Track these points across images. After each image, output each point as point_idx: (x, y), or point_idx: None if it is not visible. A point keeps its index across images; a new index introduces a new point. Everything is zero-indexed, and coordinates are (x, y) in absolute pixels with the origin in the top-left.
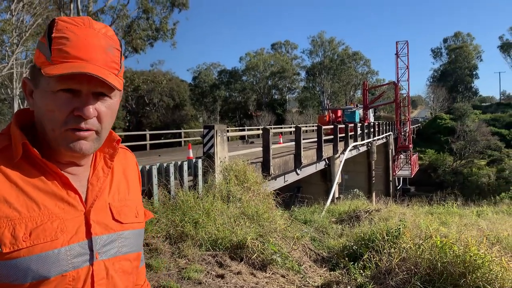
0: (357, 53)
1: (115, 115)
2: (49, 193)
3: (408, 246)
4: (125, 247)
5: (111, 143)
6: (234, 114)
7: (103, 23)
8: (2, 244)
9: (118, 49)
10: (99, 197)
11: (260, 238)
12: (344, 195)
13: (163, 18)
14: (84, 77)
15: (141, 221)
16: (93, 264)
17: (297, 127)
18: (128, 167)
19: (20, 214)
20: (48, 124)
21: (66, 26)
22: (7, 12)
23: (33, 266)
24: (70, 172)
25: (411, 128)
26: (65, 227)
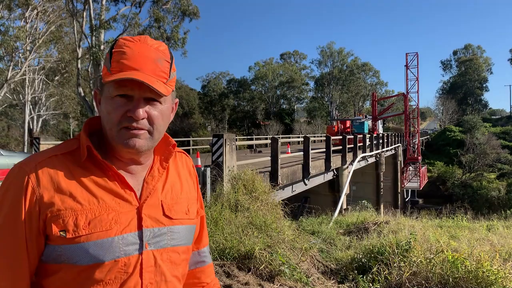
0: (366, 64)
1: (167, 119)
2: (108, 189)
3: (419, 260)
4: (174, 240)
5: (168, 146)
6: (242, 123)
7: (159, 41)
8: (66, 231)
9: (168, 61)
10: (152, 194)
11: (268, 249)
12: (352, 206)
13: (174, 27)
14: (136, 84)
15: (191, 217)
16: (143, 253)
17: (305, 137)
18: (183, 169)
19: (82, 206)
20: (107, 124)
21: (124, 43)
22: (21, 20)
23: (91, 251)
24: (129, 171)
25: (420, 140)
26: (119, 219)
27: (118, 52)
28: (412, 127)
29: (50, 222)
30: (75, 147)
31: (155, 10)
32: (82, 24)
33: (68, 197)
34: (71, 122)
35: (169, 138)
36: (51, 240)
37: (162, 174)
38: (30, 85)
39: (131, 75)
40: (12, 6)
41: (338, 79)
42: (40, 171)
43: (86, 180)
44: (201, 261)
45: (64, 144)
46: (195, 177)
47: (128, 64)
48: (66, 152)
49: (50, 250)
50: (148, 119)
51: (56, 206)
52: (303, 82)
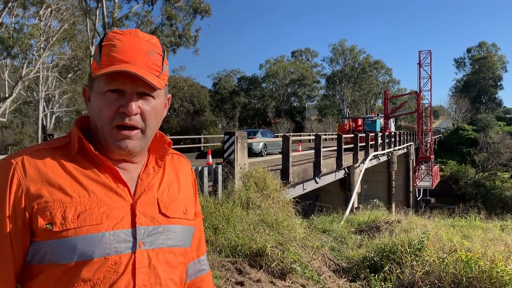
0: (379, 61)
1: (160, 116)
2: (99, 183)
3: (432, 260)
4: (171, 240)
5: (162, 145)
6: (253, 120)
7: (149, 34)
8: (53, 223)
9: (160, 53)
10: (148, 191)
11: (280, 246)
12: (363, 205)
13: (186, 25)
14: (128, 78)
15: (189, 218)
16: (136, 252)
17: (317, 135)
18: (181, 171)
19: (72, 198)
20: (98, 122)
21: (114, 36)
22: (35, 18)
23: (79, 246)
24: (122, 167)
25: (432, 138)
26: (110, 213)
27: (108, 45)
28: (425, 125)
29: (37, 215)
30: (66, 142)
31: (167, 8)
32: (95, 22)
33: (56, 189)
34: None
35: (164, 137)
36: (36, 236)
37: (158, 172)
38: (44, 83)
39: (122, 67)
40: (27, 4)
41: (349, 77)
42: (27, 163)
43: (77, 172)
44: (202, 269)
45: (55, 139)
46: (193, 181)
47: (118, 57)
48: (56, 146)
49: (35, 248)
50: (141, 115)
51: (44, 198)
52: (314, 79)
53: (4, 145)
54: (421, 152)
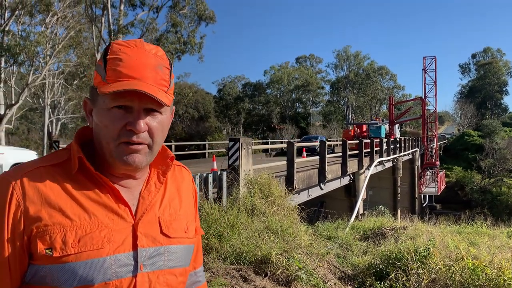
0: (383, 67)
1: (166, 131)
2: (101, 204)
3: (438, 267)
4: (171, 261)
5: (165, 159)
6: (258, 126)
7: (155, 45)
8: (53, 248)
9: (168, 67)
10: (149, 210)
11: (285, 254)
12: (368, 211)
13: (191, 32)
14: (135, 94)
15: (190, 237)
16: (137, 275)
17: (321, 141)
18: (182, 184)
19: (72, 222)
20: (103, 138)
21: (120, 48)
22: (42, 25)
23: (80, 272)
24: (123, 185)
25: (438, 144)
26: (112, 237)
27: (113, 59)
28: (430, 131)
29: (36, 239)
30: (65, 158)
31: (172, 15)
32: (101, 29)
33: (56, 212)
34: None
35: (167, 151)
36: (35, 260)
37: (160, 189)
38: (50, 89)
39: (131, 85)
40: (34, 12)
41: (354, 83)
42: (26, 183)
43: (77, 193)
44: (197, 281)
45: (53, 154)
46: (194, 194)
47: (126, 73)
48: (55, 163)
49: (34, 270)
50: (148, 132)
51: (43, 221)
52: (318, 85)
53: None
54: (427, 158)
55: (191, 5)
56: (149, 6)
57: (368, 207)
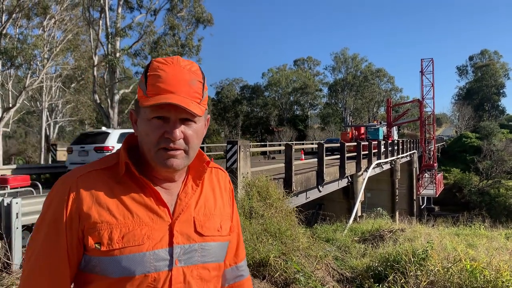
0: (381, 70)
1: (201, 137)
2: (143, 205)
3: (436, 269)
4: (205, 257)
5: (201, 163)
6: (256, 129)
7: (190, 60)
8: (101, 243)
9: (201, 81)
10: (185, 211)
11: (283, 256)
12: (366, 213)
13: (189, 35)
14: (172, 106)
15: (223, 234)
16: (172, 269)
17: (319, 144)
18: (218, 185)
19: (117, 220)
20: (145, 145)
21: (158, 66)
22: (39, 28)
23: (123, 264)
24: (164, 186)
25: (435, 146)
26: (151, 234)
27: (153, 76)
28: (428, 133)
29: (87, 234)
30: (114, 163)
31: (170, 18)
32: (98, 32)
33: (104, 211)
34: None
35: (203, 155)
36: (87, 251)
37: (196, 191)
38: (47, 92)
39: (167, 99)
40: (31, 15)
41: (352, 85)
42: (80, 184)
43: (123, 195)
44: (240, 275)
45: (104, 159)
46: (231, 193)
47: (163, 88)
48: (105, 167)
49: (87, 260)
50: (184, 139)
51: (93, 218)
52: (316, 88)
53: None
54: (425, 160)
55: (189, 7)
56: (146, 9)
57: (366, 209)
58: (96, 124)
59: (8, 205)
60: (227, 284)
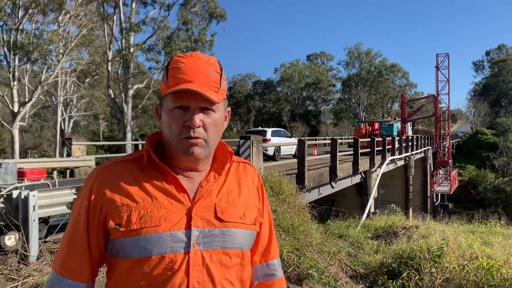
0: (395, 65)
1: (220, 127)
2: (163, 190)
3: (452, 267)
4: (225, 243)
5: (224, 154)
6: (268, 124)
7: (208, 55)
8: (120, 225)
9: (218, 71)
10: (206, 197)
11: (296, 252)
12: (380, 210)
13: (202, 30)
14: (190, 95)
15: (247, 223)
16: (190, 251)
17: (333, 139)
18: (245, 178)
19: (137, 203)
20: (169, 135)
21: (178, 59)
22: (54, 24)
23: (141, 244)
24: (186, 175)
25: (450, 142)
26: (169, 216)
27: (173, 68)
28: (443, 129)
29: (109, 218)
30: (140, 155)
31: (183, 13)
32: (113, 27)
33: (126, 196)
34: (101, 123)
35: (226, 146)
36: (110, 235)
37: (218, 180)
38: (62, 87)
39: (186, 86)
40: (46, 10)
41: (366, 81)
42: (106, 173)
43: (145, 181)
44: (271, 274)
45: (133, 153)
46: (260, 188)
47: (183, 78)
48: (132, 158)
49: (111, 245)
50: (203, 127)
51: (115, 203)
52: (329, 83)
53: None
54: (439, 157)
55: (202, 2)
56: (160, 4)
57: (380, 206)
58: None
59: (25, 197)
60: (256, 282)
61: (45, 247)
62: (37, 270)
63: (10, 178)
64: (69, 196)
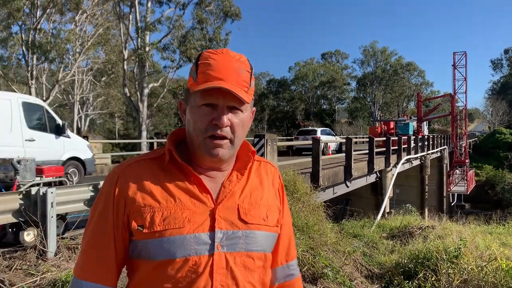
0: (411, 63)
1: (246, 128)
2: (185, 190)
3: (470, 268)
4: (249, 245)
5: (247, 153)
6: (282, 123)
7: (239, 53)
8: (144, 226)
9: (248, 71)
10: (229, 198)
11: (311, 251)
12: (395, 209)
13: (216, 29)
14: (220, 93)
15: (270, 225)
16: (214, 254)
17: (347, 138)
18: (266, 178)
19: (160, 204)
20: (193, 132)
21: (209, 55)
22: (71, 23)
23: (165, 246)
24: (209, 175)
25: (467, 142)
26: (192, 218)
27: (203, 64)
28: (459, 129)
29: (132, 218)
30: (162, 153)
31: (198, 12)
32: (128, 27)
33: (148, 196)
34: (116, 121)
35: (249, 146)
36: (133, 235)
37: (241, 180)
38: (79, 86)
39: (217, 84)
40: (64, 10)
41: (381, 79)
42: (128, 172)
43: (167, 181)
44: (290, 274)
45: (154, 150)
46: (281, 188)
47: (213, 75)
48: (153, 157)
49: (133, 245)
50: (230, 127)
51: (137, 203)
52: (344, 82)
53: None
54: (456, 156)
55: (217, 1)
56: (175, 3)
57: (395, 206)
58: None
59: (43, 194)
60: (277, 283)
61: (63, 243)
62: (55, 266)
63: (29, 175)
64: (86, 194)
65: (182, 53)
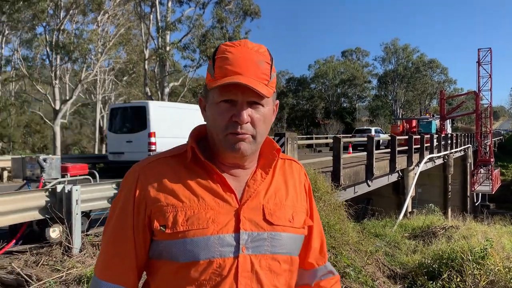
0: (434, 60)
1: (268, 122)
2: (209, 189)
3: (497, 269)
4: (275, 248)
5: (271, 151)
6: (301, 122)
7: (258, 44)
8: (166, 226)
9: (268, 62)
10: (253, 197)
11: (333, 250)
12: (417, 209)
13: (236, 27)
14: (239, 88)
15: (296, 226)
16: (239, 256)
17: (369, 137)
18: (291, 176)
19: (183, 203)
20: (213, 130)
21: (226, 48)
22: (93, 24)
23: (188, 247)
24: (232, 174)
25: (492, 140)
26: (216, 218)
27: (220, 58)
28: (484, 127)
29: (154, 218)
30: (184, 150)
31: (218, 11)
32: (149, 26)
33: (170, 195)
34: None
35: (273, 143)
36: (155, 236)
37: (265, 179)
38: (101, 85)
39: (234, 79)
40: (86, 11)
41: (403, 77)
42: (149, 170)
43: (190, 179)
44: (330, 271)
45: (175, 148)
46: (307, 187)
47: (231, 69)
48: (174, 154)
49: (155, 245)
50: (251, 123)
51: (160, 202)
52: (365, 80)
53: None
54: (480, 155)
55: (237, 0)
56: (195, 3)
57: (417, 205)
58: None
59: (68, 192)
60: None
61: (87, 240)
62: (80, 262)
63: (54, 172)
64: (109, 191)
65: (202, 52)
